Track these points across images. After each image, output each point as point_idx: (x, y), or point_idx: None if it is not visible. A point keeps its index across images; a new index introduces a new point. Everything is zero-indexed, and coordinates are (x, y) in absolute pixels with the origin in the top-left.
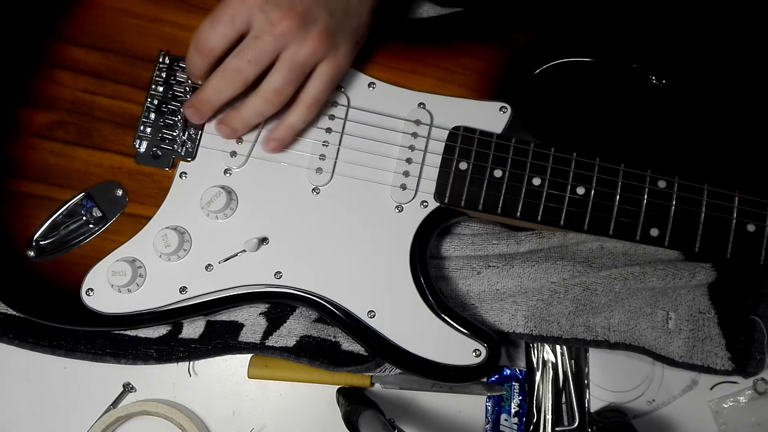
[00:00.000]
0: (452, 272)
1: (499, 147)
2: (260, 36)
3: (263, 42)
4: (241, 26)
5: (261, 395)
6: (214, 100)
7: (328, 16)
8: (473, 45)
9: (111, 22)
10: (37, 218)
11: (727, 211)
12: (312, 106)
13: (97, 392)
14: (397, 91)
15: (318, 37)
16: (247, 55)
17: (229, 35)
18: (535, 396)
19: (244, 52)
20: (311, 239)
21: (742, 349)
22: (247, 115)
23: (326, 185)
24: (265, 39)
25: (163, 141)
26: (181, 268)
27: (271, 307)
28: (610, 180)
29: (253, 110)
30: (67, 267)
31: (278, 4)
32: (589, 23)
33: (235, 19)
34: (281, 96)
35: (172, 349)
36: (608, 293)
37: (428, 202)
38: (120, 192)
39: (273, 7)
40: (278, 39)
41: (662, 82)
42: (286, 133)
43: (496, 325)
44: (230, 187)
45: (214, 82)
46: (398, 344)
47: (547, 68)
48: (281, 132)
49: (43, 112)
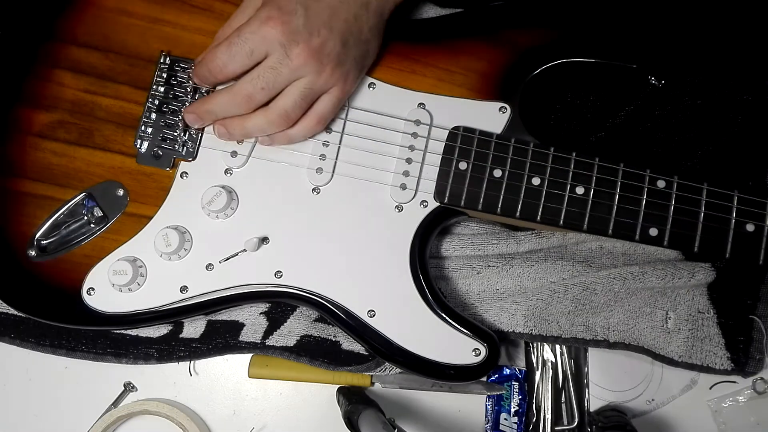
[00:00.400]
0: (452, 272)
1: (498, 147)
2: (276, 68)
3: (279, 73)
4: (258, 58)
5: (261, 395)
6: (218, 113)
7: (341, 48)
8: (473, 45)
9: (112, 23)
10: (38, 218)
11: (727, 211)
12: (318, 125)
13: (98, 392)
14: (397, 91)
15: (332, 70)
16: (261, 83)
17: (246, 65)
18: (535, 395)
19: (258, 80)
20: (311, 239)
21: (741, 349)
22: (250, 127)
23: (326, 185)
24: (281, 71)
25: (164, 141)
26: (181, 267)
27: (271, 307)
28: (610, 180)
29: (256, 126)
30: (68, 266)
31: (296, 40)
32: (588, 23)
33: (254, 53)
34: (288, 120)
35: (173, 349)
36: (607, 293)
37: (428, 202)
38: (121, 192)
39: (292, 42)
40: (294, 72)
41: (662, 82)
42: (283, 141)
43: (495, 325)
44: (231, 186)
45: (222, 99)
46: (398, 343)
47: (547, 68)
48: (280, 139)
49: (44, 112)
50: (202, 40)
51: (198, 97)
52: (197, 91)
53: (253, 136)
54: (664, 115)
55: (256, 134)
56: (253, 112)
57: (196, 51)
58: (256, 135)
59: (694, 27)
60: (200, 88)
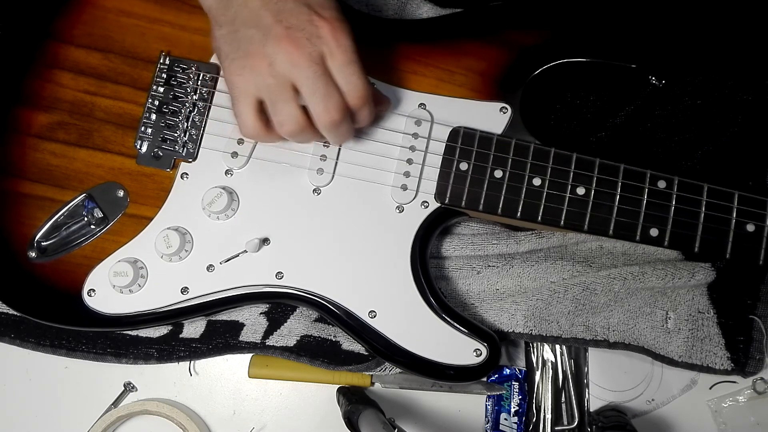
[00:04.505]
0: (452, 272)
1: (499, 147)
2: (275, 105)
3: (273, 101)
4: (256, 102)
5: (261, 395)
6: (298, 141)
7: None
8: (473, 45)
9: (111, 23)
10: (38, 219)
11: (727, 211)
12: (360, 101)
13: (98, 391)
14: (398, 91)
15: (293, 44)
16: (277, 121)
17: (257, 116)
18: (535, 395)
19: (279, 126)
20: (312, 240)
21: (741, 349)
22: (336, 137)
23: (327, 186)
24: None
25: (164, 142)
26: (182, 268)
27: (271, 307)
28: (610, 180)
29: (336, 136)
30: (69, 268)
31: (242, 66)
32: (588, 24)
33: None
34: (334, 111)
35: (173, 349)
36: (608, 293)
37: (429, 203)
38: (121, 193)
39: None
40: (279, 86)
41: (662, 82)
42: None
43: (495, 325)
44: (231, 187)
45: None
46: (399, 344)
47: (548, 69)
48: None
49: (43, 113)
50: (201, 40)
51: (198, 97)
52: (197, 92)
53: (346, 134)
54: (664, 115)
55: (346, 132)
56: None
57: (195, 51)
58: (346, 130)
59: (694, 27)
60: (200, 88)
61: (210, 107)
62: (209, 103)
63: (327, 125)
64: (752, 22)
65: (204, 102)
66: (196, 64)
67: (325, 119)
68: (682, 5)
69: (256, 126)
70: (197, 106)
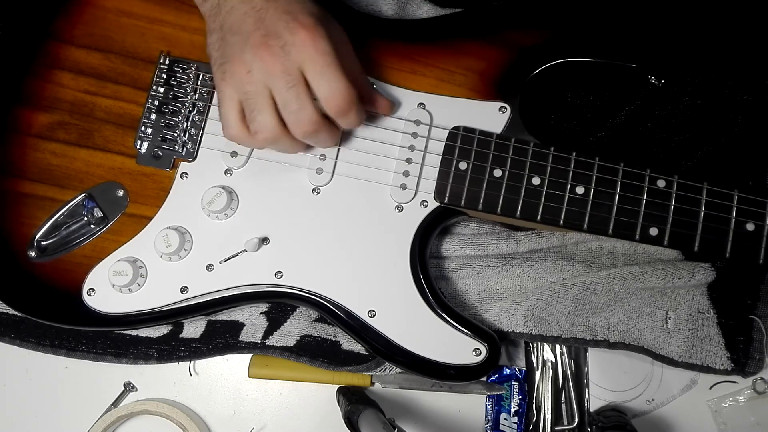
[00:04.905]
0: (452, 272)
1: (498, 147)
2: (252, 113)
3: (251, 108)
4: (240, 107)
5: (261, 395)
6: (278, 149)
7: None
8: (473, 45)
9: (111, 23)
10: (38, 219)
11: (727, 211)
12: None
13: (98, 391)
14: (397, 91)
15: (268, 53)
16: (253, 129)
17: (240, 121)
18: (535, 395)
19: (254, 134)
20: (312, 239)
21: (741, 349)
22: (317, 145)
23: (327, 185)
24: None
25: (164, 141)
26: (182, 268)
27: (271, 307)
28: (610, 179)
29: (315, 143)
30: (69, 267)
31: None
32: (588, 23)
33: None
34: (306, 123)
35: (173, 349)
36: (608, 293)
37: (428, 202)
38: (121, 192)
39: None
40: (256, 93)
41: (662, 82)
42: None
43: (495, 325)
44: (231, 187)
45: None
46: (399, 343)
47: (547, 68)
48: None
49: (44, 113)
50: (201, 41)
51: (198, 97)
52: (197, 91)
53: (330, 140)
54: (664, 115)
55: (327, 139)
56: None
57: (195, 51)
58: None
59: (694, 27)
60: (200, 88)
61: (210, 107)
62: (209, 103)
63: (301, 136)
64: (752, 22)
65: (204, 102)
66: (196, 64)
67: (297, 131)
68: (682, 5)
69: (240, 130)
70: (197, 106)
